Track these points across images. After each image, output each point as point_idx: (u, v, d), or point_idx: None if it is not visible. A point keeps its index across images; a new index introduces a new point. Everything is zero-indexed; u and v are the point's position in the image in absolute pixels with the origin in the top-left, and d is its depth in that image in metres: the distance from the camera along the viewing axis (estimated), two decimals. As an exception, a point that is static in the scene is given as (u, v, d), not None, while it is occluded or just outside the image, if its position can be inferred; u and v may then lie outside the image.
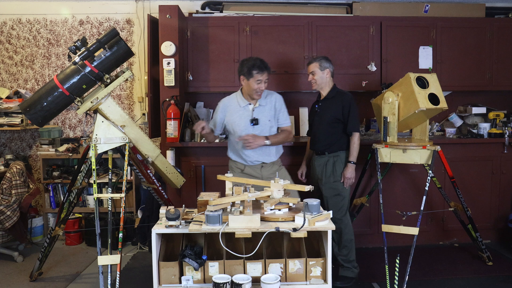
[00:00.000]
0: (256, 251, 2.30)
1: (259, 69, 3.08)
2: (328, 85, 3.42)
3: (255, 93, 3.14)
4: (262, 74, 3.10)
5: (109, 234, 2.71)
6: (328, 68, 3.39)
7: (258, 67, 3.09)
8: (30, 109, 2.82)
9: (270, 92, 3.30)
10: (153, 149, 3.19)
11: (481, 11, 4.59)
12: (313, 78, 3.40)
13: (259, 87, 3.12)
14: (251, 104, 3.22)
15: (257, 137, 3.11)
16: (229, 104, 3.28)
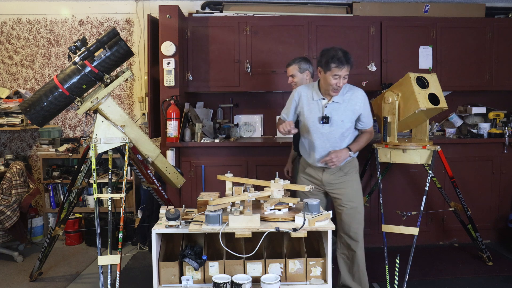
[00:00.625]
0: (256, 251, 2.30)
1: (338, 62, 2.69)
2: None
3: (331, 89, 2.74)
4: (341, 68, 2.70)
5: (109, 234, 2.71)
6: (308, 70, 3.37)
7: (338, 60, 2.69)
8: (30, 109, 2.82)
9: (352, 88, 2.87)
10: (153, 149, 3.19)
11: (481, 11, 4.59)
12: (293, 80, 3.39)
13: (336, 83, 2.72)
14: (324, 99, 2.82)
15: (339, 152, 2.76)
16: (303, 93, 2.92)
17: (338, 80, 2.70)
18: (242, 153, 4.05)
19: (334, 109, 2.80)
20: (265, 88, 4.39)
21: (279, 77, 4.33)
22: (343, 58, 2.68)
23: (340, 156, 2.76)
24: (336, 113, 2.80)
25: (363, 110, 2.84)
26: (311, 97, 2.86)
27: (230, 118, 4.65)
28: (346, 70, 2.71)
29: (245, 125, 4.67)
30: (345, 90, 2.83)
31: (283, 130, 2.78)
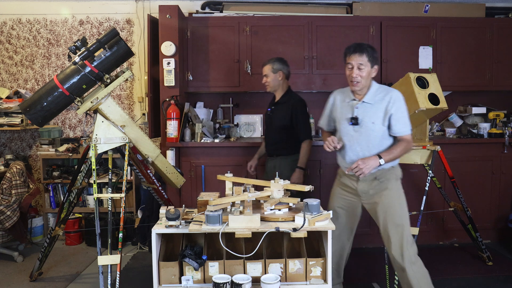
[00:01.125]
0: (256, 251, 2.30)
1: (347, 50, 2.59)
2: (282, 87, 3.44)
3: (350, 83, 2.61)
4: (351, 56, 2.56)
5: (109, 234, 2.71)
6: (281, 70, 3.37)
7: (348, 48, 2.59)
8: (30, 109, 2.82)
9: (387, 89, 2.64)
10: (153, 149, 3.19)
11: (481, 11, 4.59)
12: (266, 80, 3.41)
13: (350, 74, 2.57)
14: (355, 100, 2.65)
15: (366, 159, 2.53)
16: (337, 96, 2.78)
17: (352, 71, 2.56)
18: (242, 153, 4.05)
19: (364, 110, 2.61)
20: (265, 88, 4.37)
21: (279, 77, 4.33)
22: (353, 46, 2.57)
23: (368, 163, 2.50)
24: (366, 114, 2.60)
25: (394, 112, 2.55)
26: (344, 99, 2.72)
27: (230, 118, 4.65)
28: (357, 58, 2.54)
29: (245, 125, 4.67)
30: (379, 91, 2.62)
31: (328, 148, 2.63)
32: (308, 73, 4.35)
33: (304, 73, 4.35)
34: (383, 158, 2.53)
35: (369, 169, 2.51)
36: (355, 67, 2.55)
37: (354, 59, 2.55)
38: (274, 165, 3.45)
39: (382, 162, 2.54)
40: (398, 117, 2.56)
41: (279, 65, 3.37)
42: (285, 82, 3.43)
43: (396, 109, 2.56)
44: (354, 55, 2.55)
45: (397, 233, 2.60)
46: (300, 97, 3.45)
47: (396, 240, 2.60)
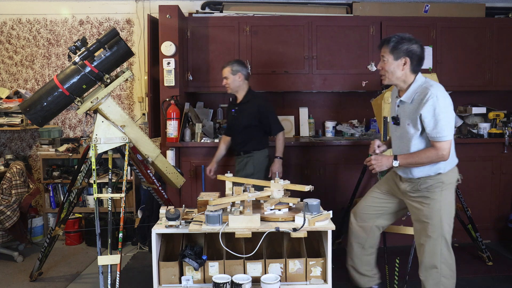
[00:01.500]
0: (256, 251, 2.30)
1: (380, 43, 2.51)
2: (242, 88, 3.57)
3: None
4: (380, 49, 2.52)
5: (109, 234, 2.72)
6: (240, 72, 3.51)
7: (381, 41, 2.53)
8: (30, 109, 2.82)
9: (428, 85, 2.39)
10: (153, 149, 3.19)
11: (481, 11, 4.59)
12: (226, 82, 3.53)
13: (379, 67, 2.53)
14: (397, 98, 2.55)
15: (380, 156, 2.48)
16: (392, 94, 2.68)
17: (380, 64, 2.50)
18: (242, 153, 4.05)
19: (403, 109, 2.47)
20: (265, 88, 4.39)
21: (279, 77, 4.34)
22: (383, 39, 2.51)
23: (380, 160, 2.44)
24: (403, 113, 2.47)
25: (423, 112, 2.32)
26: (394, 95, 2.62)
27: (230, 118, 4.64)
28: (382, 49, 2.47)
29: (245, 125, 4.66)
30: (420, 89, 2.40)
31: (370, 151, 2.62)
32: (308, 73, 4.35)
33: (304, 73, 4.35)
34: (398, 160, 2.41)
35: (380, 166, 2.44)
36: (381, 59, 2.49)
37: (381, 51, 2.49)
38: (246, 163, 3.57)
39: (396, 164, 2.42)
40: (429, 119, 2.32)
41: (238, 67, 3.53)
42: (245, 83, 3.58)
43: (426, 109, 2.31)
44: (382, 48, 2.48)
45: (428, 246, 2.45)
46: (263, 96, 3.68)
47: (428, 253, 2.46)
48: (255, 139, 3.57)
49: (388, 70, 2.44)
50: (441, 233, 2.43)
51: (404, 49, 2.40)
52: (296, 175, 4.06)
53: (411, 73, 2.44)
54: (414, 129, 2.40)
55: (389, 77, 2.46)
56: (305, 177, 4.07)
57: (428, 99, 2.30)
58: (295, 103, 4.70)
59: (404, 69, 2.42)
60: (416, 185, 2.48)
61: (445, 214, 2.43)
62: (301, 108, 4.67)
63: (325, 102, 4.72)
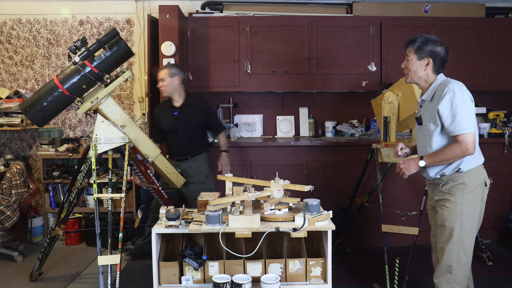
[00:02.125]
0: (256, 251, 2.30)
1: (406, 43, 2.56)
2: (178, 91, 3.60)
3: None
4: (406, 48, 2.56)
5: (109, 234, 2.72)
6: (177, 75, 3.54)
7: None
8: (30, 109, 2.82)
9: (447, 82, 2.41)
10: (153, 149, 3.19)
11: (481, 11, 4.59)
12: (162, 84, 3.55)
13: (403, 65, 2.57)
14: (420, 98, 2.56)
15: (407, 161, 2.47)
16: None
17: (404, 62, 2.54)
18: (242, 153, 4.05)
19: (425, 108, 2.48)
20: (265, 88, 4.39)
21: (279, 77, 4.33)
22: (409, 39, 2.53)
23: (407, 164, 2.45)
24: (425, 112, 2.48)
25: (440, 107, 2.32)
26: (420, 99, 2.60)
27: (230, 118, 4.65)
28: (407, 49, 2.53)
29: (245, 125, 4.68)
30: (440, 86, 2.40)
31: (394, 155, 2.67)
32: (308, 73, 4.35)
33: (304, 73, 4.35)
34: (424, 160, 2.40)
35: (408, 169, 2.44)
36: (405, 58, 2.53)
37: (406, 50, 2.53)
38: (190, 166, 3.62)
39: (422, 164, 2.40)
40: (446, 114, 2.31)
41: (176, 70, 3.58)
42: (181, 87, 3.61)
43: (443, 104, 2.31)
44: (406, 46, 2.53)
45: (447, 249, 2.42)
46: (203, 97, 3.83)
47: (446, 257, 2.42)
48: (201, 140, 3.70)
49: (411, 69, 2.50)
50: (460, 238, 2.38)
51: (428, 50, 2.45)
52: (296, 175, 4.06)
53: (433, 74, 2.48)
54: (434, 125, 2.39)
55: (412, 76, 2.51)
56: (305, 177, 4.07)
57: (445, 94, 2.32)
58: (295, 103, 4.70)
59: (426, 69, 2.47)
60: (437, 186, 2.45)
61: (466, 218, 2.37)
62: (301, 108, 4.67)
63: (325, 102, 4.72)
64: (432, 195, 2.56)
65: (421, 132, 2.52)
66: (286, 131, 4.66)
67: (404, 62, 2.54)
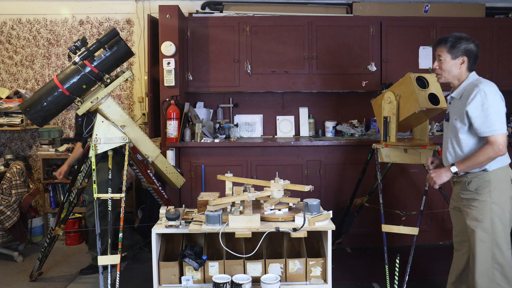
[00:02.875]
0: (256, 251, 2.30)
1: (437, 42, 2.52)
2: None
3: None
4: (435, 48, 2.51)
5: (109, 234, 2.72)
6: None
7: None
8: (30, 109, 2.82)
9: (478, 82, 2.38)
10: (153, 149, 3.19)
11: (481, 11, 4.59)
12: None
13: (435, 66, 2.50)
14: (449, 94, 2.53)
15: (438, 169, 2.43)
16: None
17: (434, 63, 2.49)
18: (242, 153, 4.05)
19: (453, 105, 2.47)
20: (265, 88, 4.39)
21: (279, 77, 4.34)
22: (440, 38, 2.49)
23: (439, 172, 2.40)
24: (452, 109, 2.46)
25: (469, 108, 2.29)
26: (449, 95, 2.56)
27: (230, 118, 4.65)
28: (438, 49, 2.46)
29: (245, 125, 4.68)
30: (471, 85, 2.38)
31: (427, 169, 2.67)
32: (308, 73, 4.35)
33: (304, 73, 4.35)
34: (456, 166, 2.35)
35: (439, 178, 2.39)
36: (436, 58, 2.48)
37: (436, 50, 2.48)
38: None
39: (454, 170, 2.35)
40: (476, 115, 2.28)
41: None
42: None
43: (473, 105, 2.29)
44: (437, 47, 2.48)
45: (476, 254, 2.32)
46: None
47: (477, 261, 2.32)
48: None
49: (445, 69, 2.44)
50: (493, 237, 2.29)
51: (462, 48, 2.43)
52: (296, 175, 4.06)
53: (466, 71, 2.45)
54: (460, 123, 2.36)
55: (446, 76, 2.47)
56: (305, 177, 4.07)
57: (476, 95, 2.29)
58: (295, 103, 4.70)
59: (461, 68, 2.43)
60: (464, 185, 2.40)
61: (497, 217, 2.30)
62: (301, 108, 4.67)
63: (325, 102, 4.72)
64: (457, 194, 2.48)
65: (448, 128, 2.50)
66: (286, 131, 4.66)
67: (435, 63, 2.48)
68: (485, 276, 2.30)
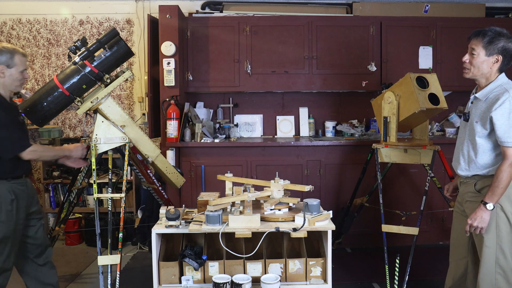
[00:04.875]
0: (256, 251, 2.30)
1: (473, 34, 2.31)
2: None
3: None
4: (470, 40, 2.32)
5: (109, 234, 2.72)
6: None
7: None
8: (30, 109, 2.82)
9: (508, 87, 2.24)
10: (153, 149, 3.19)
11: (481, 11, 4.59)
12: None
13: (466, 59, 2.35)
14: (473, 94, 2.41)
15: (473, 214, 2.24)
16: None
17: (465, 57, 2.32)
18: (242, 153, 4.05)
19: (475, 106, 2.33)
20: (265, 88, 4.39)
21: (279, 77, 4.34)
22: (478, 29, 2.28)
23: (477, 216, 2.20)
24: (474, 110, 2.31)
25: (494, 114, 2.17)
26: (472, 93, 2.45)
27: (230, 118, 4.65)
28: (472, 41, 2.28)
29: (245, 125, 4.68)
30: (499, 88, 2.25)
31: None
32: (308, 73, 4.35)
33: (304, 73, 4.35)
34: (489, 201, 2.18)
35: (482, 221, 2.19)
36: (469, 51, 2.30)
37: (471, 42, 2.29)
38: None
39: (491, 207, 2.18)
40: (501, 122, 2.15)
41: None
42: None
43: (500, 112, 2.16)
44: (473, 40, 2.28)
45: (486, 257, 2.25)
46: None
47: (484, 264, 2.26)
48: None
49: (476, 65, 2.28)
50: (497, 241, 2.23)
51: (500, 46, 2.23)
52: (296, 175, 4.06)
53: (496, 72, 2.30)
54: (481, 127, 2.25)
55: (474, 72, 2.32)
56: (305, 177, 4.08)
57: (504, 102, 2.16)
58: (295, 103, 4.70)
59: (493, 67, 2.28)
60: (471, 186, 2.34)
61: (502, 222, 2.23)
62: (301, 108, 4.67)
63: (325, 102, 4.72)
64: (463, 196, 2.41)
65: (465, 129, 2.37)
66: (286, 131, 4.66)
67: (466, 56, 2.31)
68: (487, 281, 2.26)
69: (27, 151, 2.45)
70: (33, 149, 2.48)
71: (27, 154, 2.46)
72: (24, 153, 2.44)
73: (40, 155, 2.58)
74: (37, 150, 2.52)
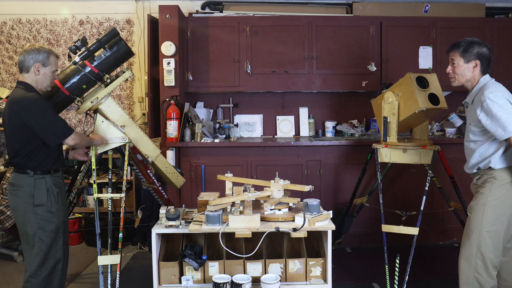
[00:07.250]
0: (256, 251, 2.31)
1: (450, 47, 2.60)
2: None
3: None
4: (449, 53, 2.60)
5: (109, 234, 2.72)
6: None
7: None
8: (30, 109, 2.81)
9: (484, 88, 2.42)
10: (153, 149, 3.19)
11: (481, 11, 4.59)
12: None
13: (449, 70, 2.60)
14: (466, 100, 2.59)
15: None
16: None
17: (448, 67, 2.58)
18: (242, 153, 4.05)
19: (468, 110, 2.55)
20: (265, 88, 4.39)
21: (279, 77, 4.34)
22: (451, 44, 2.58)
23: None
24: (469, 114, 2.54)
25: (480, 116, 2.35)
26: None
27: (230, 118, 4.65)
28: (451, 53, 2.55)
29: (245, 125, 4.68)
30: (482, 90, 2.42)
31: None
32: (308, 73, 4.35)
33: (304, 73, 4.35)
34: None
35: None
36: (450, 62, 2.56)
37: (449, 54, 2.57)
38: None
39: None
40: (488, 122, 2.32)
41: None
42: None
43: (483, 115, 2.34)
44: (450, 51, 2.57)
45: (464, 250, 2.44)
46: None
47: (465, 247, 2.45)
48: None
49: (458, 73, 2.53)
50: (480, 227, 2.36)
51: (475, 52, 2.50)
52: (296, 175, 4.06)
53: (479, 75, 2.51)
54: (475, 127, 2.44)
55: (459, 79, 2.55)
56: (305, 177, 4.08)
57: (482, 104, 2.34)
58: (295, 103, 4.70)
59: (474, 71, 2.50)
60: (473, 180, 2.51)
61: (490, 210, 2.36)
62: (301, 108, 4.67)
63: (325, 102, 4.72)
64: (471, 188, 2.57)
65: (467, 131, 2.56)
66: (286, 131, 4.66)
67: (449, 67, 2.58)
68: (467, 262, 2.41)
69: (70, 137, 2.52)
70: (75, 136, 2.55)
71: (70, 140, 2.53)
72: (68, 138, 2.51)
73: (79, 142, 2.63)
74: (77, 137, 2.58)
